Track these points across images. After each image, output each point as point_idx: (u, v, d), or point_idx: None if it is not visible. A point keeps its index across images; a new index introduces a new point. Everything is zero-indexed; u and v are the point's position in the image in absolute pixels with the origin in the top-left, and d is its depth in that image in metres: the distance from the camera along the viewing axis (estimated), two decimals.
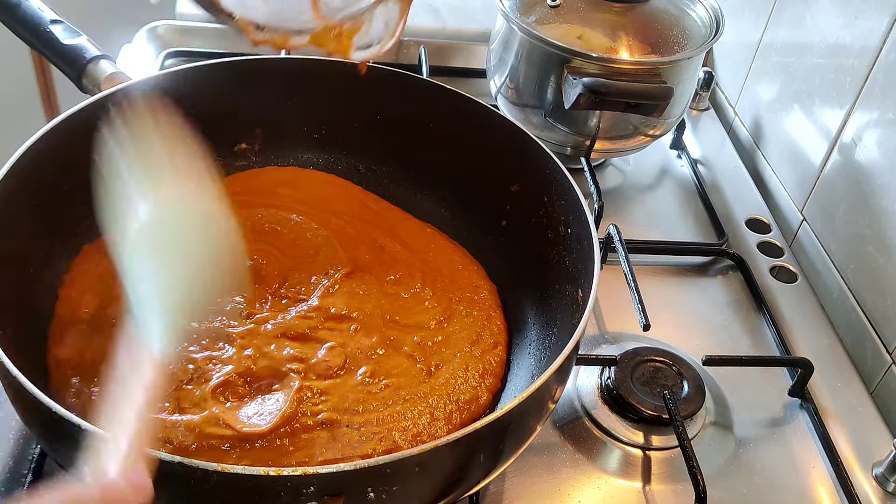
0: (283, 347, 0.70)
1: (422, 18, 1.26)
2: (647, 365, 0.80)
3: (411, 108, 0.85)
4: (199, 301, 0.57)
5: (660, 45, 0.95)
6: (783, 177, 1.08)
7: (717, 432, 0.79)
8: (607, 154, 1.07)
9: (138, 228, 0.55)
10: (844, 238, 0.94)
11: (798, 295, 0.95)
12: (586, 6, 0.97)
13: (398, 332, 0.74)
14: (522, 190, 0.80)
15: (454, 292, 0.79)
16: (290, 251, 0.80)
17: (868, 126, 0.91)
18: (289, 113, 0.87)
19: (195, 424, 0.62)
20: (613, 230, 0.89)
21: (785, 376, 0.85)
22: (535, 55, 0.97)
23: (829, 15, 0.98)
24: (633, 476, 0.74)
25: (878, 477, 0.76)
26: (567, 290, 0.72)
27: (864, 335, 0.89)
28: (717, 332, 0.90)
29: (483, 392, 0.71)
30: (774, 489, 0.75)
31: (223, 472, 0.46)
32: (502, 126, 0.80)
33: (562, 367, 0.58)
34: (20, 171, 0.65)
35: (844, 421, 0.81)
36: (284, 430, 0.63)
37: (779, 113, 1.09)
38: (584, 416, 0.78)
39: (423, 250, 0.83)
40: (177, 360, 0.67)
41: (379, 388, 0.69)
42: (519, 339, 0.77)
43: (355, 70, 0.85)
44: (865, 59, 0.90)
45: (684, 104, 1.03)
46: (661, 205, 1.07)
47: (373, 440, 0.64)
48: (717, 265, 0.98)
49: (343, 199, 0.87)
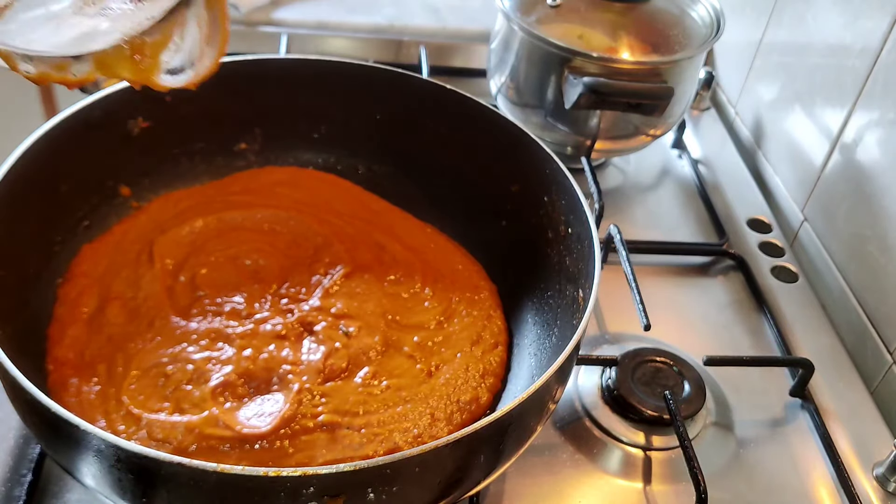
0: (283, 348, 0.70)
1: (422, 18, 1.26)
2: (648, 365, 0.80)
3: (411, 108, 0.85)
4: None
5: (661, 45, 0.95)
6: (784, 177, 1.08)
7: (717, 432, 0.78)
8: (608, 154, 1.07)
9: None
10: (845, 238, 0.94)
11: (799, 295, 0.95)
12: (587, 6, 0.97)
13: (399, 332, 0.74)
14: (523, 190, 0.80)
15: (454, 292, 0.78)
16: (290, 251, 0.80)
17: (869, 126, 0.90)
18: (288, 113, 0.87)
19: (195, 425, 0.62)
20: (614, 230, 0.89)
21: (786, 376, 0.85)
22: (536, 55, 0.96)
23: (829, 15, 0.97)
24: (634, 476, 0.74)
25: (879, 477, 0.76)
26: (567, 291, 0.72)
27: (864, 335, 0.89)
28: (718, 332, 0.90)
29: (483, 392, 0.71)
30: (775, 489, 0.75)
31: (223, 472, 0.46)
32: (502, 126, 0.80)
33: (562, 368, 0.58)
34: (20, 171, 0.65)
35: (845, 421, 0.81)
36: (284, 431, 0.63)
37: (780, 113, 1.09)
38: (585, 417, 0.78)
39: (423, 250, 0.83)
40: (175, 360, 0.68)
41: (380, 390, 0.68)
42: (519, 340, 0.77)
43: (355, 70, 0.85)
44: (866, 59, 0.90)
45: (685, 104, 1.03)
46: (662, 205, 1.07)
47: (374, 442, 0.64)
48: (718, 265, 0.98)
49: (343, 199, 0.87)
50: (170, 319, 0.71)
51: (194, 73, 0.45)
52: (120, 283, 0.74)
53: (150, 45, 0.43)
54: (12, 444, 0.68)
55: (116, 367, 0.67)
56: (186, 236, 0.79)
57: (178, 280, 0.75)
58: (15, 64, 0.43)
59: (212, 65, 0.45)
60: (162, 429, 0.62)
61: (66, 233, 0.74)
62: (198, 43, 0.44)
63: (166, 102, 0.74)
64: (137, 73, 0.44)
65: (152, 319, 0.71)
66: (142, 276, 0.75)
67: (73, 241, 0.75)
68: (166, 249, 0.77)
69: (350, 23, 1.22)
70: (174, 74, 0.45)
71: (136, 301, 0.72)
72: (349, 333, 0.72)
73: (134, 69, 0.44)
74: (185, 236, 0.79)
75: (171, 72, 0.45)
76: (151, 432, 0.62)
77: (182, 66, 0.45)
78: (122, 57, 0.43)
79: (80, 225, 0.76)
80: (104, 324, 0.70)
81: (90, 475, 0.52)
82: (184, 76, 0.45)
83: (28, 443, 0.68)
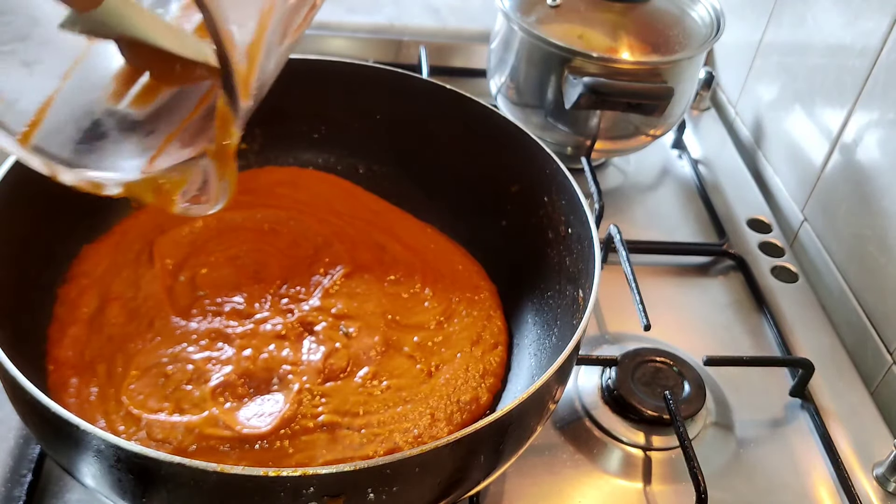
0: (283, 348, 0.70)
1: (422, 18, 1.26)
2: (648, 365, 0.80)
3: (411, 108, 0.85)
4: None
5: (661, 45, 0.95)
6: (784, 177, 1.08)
7: (717, 433, 0.78)
8: (608, 154, 1.07)
9: None
10: (845, 238, 0.94)
11: (799, 295, 0.95)
12: (587, 6, 0.97)
13: (399, 332, 0.74)
14: (523, 190, 0.80)
15: (454, 292, 0.78)
16: (290, 251, 0.80)
17: (869, 126, 0.90)
18: (288, 113, 0.87)
19: (194, 425, 0.62)
20: (614, 230, 0.89)
21: (786, 376, 0.85)
22: (536, 55, 0.96)
23: (829, 15, 0.97)
24: (634, 476, 0.74)
25: (879, 477, 0.76)
26: (567, 291, 0.72)
27: (864, 335, 0.89)
28: (718, 332, 0.90)
29: (483, 392, 0.71)
30: (775, 489, 0.75)
31: (223, 472, 0.46)
32: (502, 126, 0.80)
33: (562, 368, 0.57)
34: (20, 172, 0.65)
35: (845, 421, 0.81)
36: (284, 431, 0.63)
37: (780, 113, 1.09)
38: (585, 417, 0.78)
39: (423, 250, 0.83)
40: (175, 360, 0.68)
41: (380, 390, 0.68)
42: (519, 340, 0.77)
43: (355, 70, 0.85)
44: (866, 59, 0.90)
45: (685, 104, 1.03)
46: (662, 205, 1.07)
47: (374, 442, 0.64)
48: (718, 265, 0.98)
49: (343, 199, 0.87)
50: (170, 319, 0.71)
51: (209, 205, 0.51)
52: (120, 283, 0.74)
53: (169, 182, 0.51)
54: (12, 444, 0.68)
55: (116, 367, 0.67)
56: (186, 236, 0.79)
57: (178, 280, 0.75)
58: (55, 175, 0.51)
59: (226, 199, 0.51)
60: (162, 429, 0.62)
61: (66, 233, 0.74)
62: (210, 182, 0.50)
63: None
64: (158, 201, 0.51)
65: (152, 319, 0.71)
66: (142, 276, 0.75)
67: (73, 241, 0.75)
68: (166, 249, 0.77)
69: (350, 23, 1.22)
70: (190, 204, 0.52)
71: (136, 301, 0.72)
72: (349, 333, 0.72)
73: (155, 198, 0.51)
74: (185, 236, 0.79)
75: (187, 202, 0.52)
76: (151, 432, 0.62)
77: (198, 198, 0.52)
78: (146, 188, 0.51)
79: (80, 225, 0.76)
80: (104, 324, 0.70)
81: (90, 475, 0.52)
82: (199, 208, 0.52)
83: (28, 443, 0.68)
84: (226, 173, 0.49)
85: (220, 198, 0.50)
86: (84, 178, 0.51)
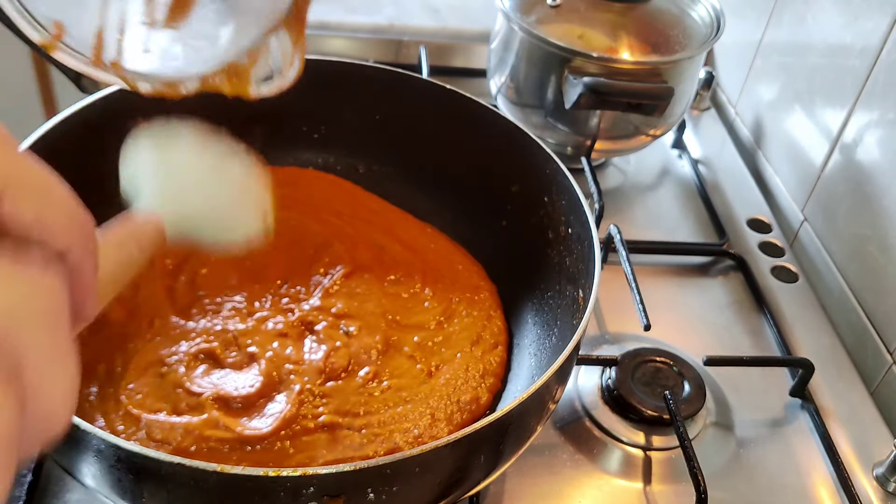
0: (285, 347, 0.70)
1: (422, 18, 1.26)
2: (648, 365, 0.80)
3: (411, 108, 0.85)
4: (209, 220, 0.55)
5: (661, 45, 0.95)
6: (784, 177, 1.08)
7: (717, 432, 0.78)
8: (608, 154, 1.07)
9: None
10: (845, 238, 0.94)
11: (799, 295, 0.95)
12: (587, 6, 0.97)
13: (399, 332, 0.74)
14: (523, 190, 0.80)
15: (454, 292, 0.78)
16: (290, 251, 0.80)
17: (869, 126, 0.90)
18: (288, 113, 0.87)
19: (194, 426, 0.62)
20: (614, 230, 0.89)
21: (786, 376, 0.85)
22: (536, 55, 0.96)
23: (829, 15, 0.97)
24: (634, 476, 0.74)
25: (879, 477, 0.76)
26: (567, 291, 0.72)
27: (864, 335, 0.89)
28: (718, 332, 0.89)
29: (483, 392, 0.71)
30: (775, 489, 0.75)
31: (223, 472, 0.46)
32: (502, 126, 0.80)
33: (562, 368, 0.57)
34: None
35: (845, 421, 0.81)
36: (285, 432, 0.63)
37: (780, 113, 1.09)
38: (585, 417, 0.78)
39: (423, 250, 0.83)
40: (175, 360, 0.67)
41: (380, 391, 0.68)
42: (519, 340, 0.77)
43: (355, 70, 0.85)
44: (866, 59, 0.90)
45: (685, 104, 1.03)
46: (662, 205, 1.07)
47: (374, 442, 0.64)
48: (718, 265, 0.98)
49: (343, 199, 0.87)
50: (169, 319, 0.71)
51: (282, 80, 0.53)
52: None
53: (242, 66, 0.53)
54: None
55: (116, 366, 0.67)
56: None
57: (178, 280, 0.75)
58: (135, 85, 0.53)
59: (297, 73, 0.53)
60: (161, 429, 0.62)
61: None
62: (282, 57, 0.53)
63: (166, 103, 0.74)
64: (234, 88, 0.54)
65: (152, 319, 0.71)
66: (142, 275, 0.75)
67: None
68: (166, 249, 0.77)
69: (350, 23, 1.22)
70: (264, 83, 0.54)
71: (135, 301, 0.72)
72: (350, 332, 0.72)
73: (231, 85, 0.54)
74: None
75: (260, 82, 0.54)
76: (151, 433, 0.62)
77: (271, 75, 0.54)
78: (222, 77, 0.53)
79: None
80: (103, 323, 0.70)
81: (90, 475, 0.52)
82: (272, 84, 0.54)
83: None
84: (299, 39, 0.52)
85: (295, 65, 0.52)
86: (162, 79, 0.53)
